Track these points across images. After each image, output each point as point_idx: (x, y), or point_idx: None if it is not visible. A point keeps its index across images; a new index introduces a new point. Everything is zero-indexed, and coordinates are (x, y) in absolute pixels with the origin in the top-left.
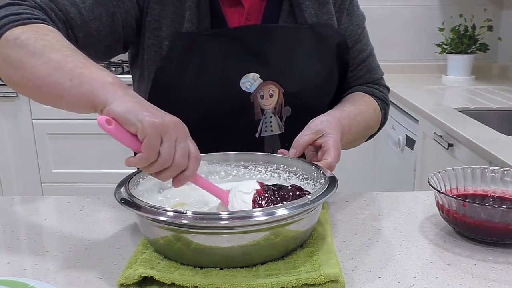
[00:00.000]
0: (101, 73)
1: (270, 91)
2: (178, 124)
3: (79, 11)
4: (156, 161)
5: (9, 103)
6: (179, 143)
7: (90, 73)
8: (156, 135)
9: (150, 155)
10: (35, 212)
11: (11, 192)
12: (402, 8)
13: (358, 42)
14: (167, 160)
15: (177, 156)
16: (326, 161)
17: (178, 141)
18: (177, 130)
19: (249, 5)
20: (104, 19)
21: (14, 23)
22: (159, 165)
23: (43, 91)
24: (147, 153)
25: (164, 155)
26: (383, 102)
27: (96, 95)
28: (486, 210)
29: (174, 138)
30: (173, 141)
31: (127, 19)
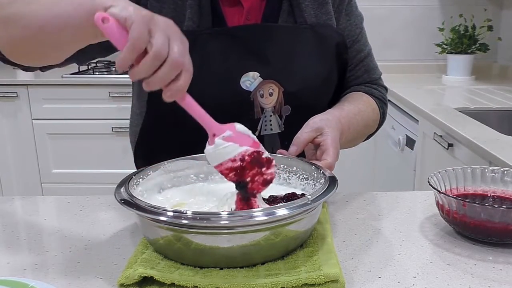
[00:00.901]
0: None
1: (270, 90)
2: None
3: None
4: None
5: (9, 103)
6: (175, 40)
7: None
8: (144, 22)
9: (137, 42)
10: (35, 212)
11: (11, 192)
12: (402, 8)
13: (357, 42)
14: (161, 50)
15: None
16: (326, 162)
17: (173, 39)
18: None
19: (249, 5)
20: None
21: None
22: (153, 57)
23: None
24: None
25: (159, 42)
26: (381, 101)
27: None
28: (486, 210)
29: (166, 33)
30: (166, 36)
31: None
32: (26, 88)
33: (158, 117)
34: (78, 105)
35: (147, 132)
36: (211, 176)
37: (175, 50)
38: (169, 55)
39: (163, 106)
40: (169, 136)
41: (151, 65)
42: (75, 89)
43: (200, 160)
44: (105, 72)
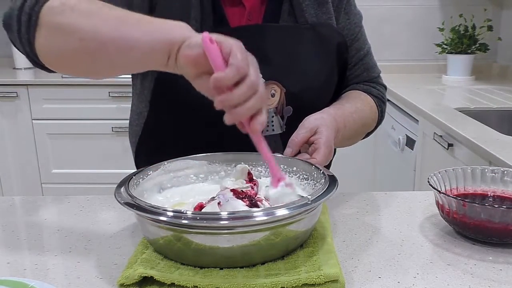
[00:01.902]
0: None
1: (272, 91)
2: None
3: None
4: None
5: (9, 103)
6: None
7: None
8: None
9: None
10: (35, 212)
11: (11, 192)
12: (402, 8)
13: (356, 41)
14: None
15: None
16: (314, 160)
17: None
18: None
19: (250, 5)
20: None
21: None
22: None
23: (109, 49)
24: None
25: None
26: (380, 100)
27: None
28: (486, 210)
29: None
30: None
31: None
32: (26, 88)
33: (160, 117)
34: (78, 105)
35: (149, 132)
36: (211, 176)
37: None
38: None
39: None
40: (170, 136)
41: (245, 94)
42: (75, 89)
43: (200, 160)
44: None
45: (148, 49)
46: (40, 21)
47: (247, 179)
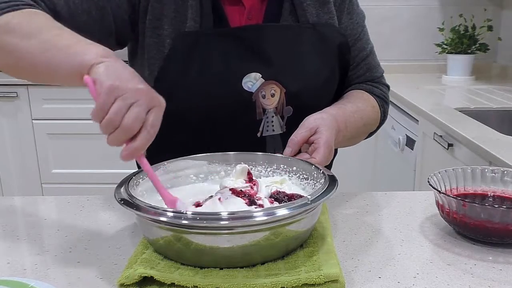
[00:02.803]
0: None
1: (271, 91)
2: (141, 91)
3: (66, 4)
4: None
5: (9, 103)
6: (136, 106)
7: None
8: (108, 94)
9: (99, 112)
10: (35, 212)
11: (11, 192)
12: (402, 8)
13: (359, 41)
14: (114, 118)
15: (127, 116)
16: (314, 160)
17: (135, 105)
18: (138, 96)
19: (250, 4)
20: (94, 13)
21: (2, 10)
22: (106, 122)
23: (38, 69)
24: (97, 108)
25: (111, 113)
26: (382, 100)
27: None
28: (486, 210)
29: (129, 101)
30: (127, 103)
31: (119, 14)
32: (26, 88)
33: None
34: (78, 105)
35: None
36: (211, 176)
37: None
38: (122, 122)
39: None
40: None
41: (105, 129)
42: (75, 89)
43: (200, 160)
44: None
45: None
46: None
47: (246, 179)
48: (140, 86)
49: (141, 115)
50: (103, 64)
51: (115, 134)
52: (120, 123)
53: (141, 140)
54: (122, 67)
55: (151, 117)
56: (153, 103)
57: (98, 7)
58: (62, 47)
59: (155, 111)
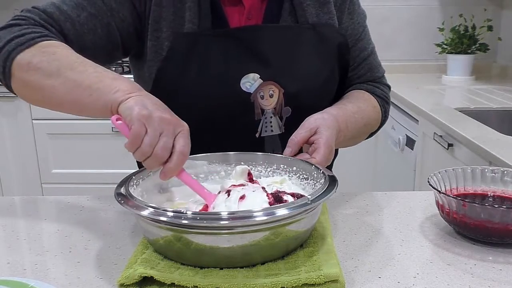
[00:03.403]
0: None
1: (270, 92)
2: (167, 120)
3: (73, 26)
4: (139, 148)
5: (9, 103)
6: (164, 136)
7: (105, 86)
8: (140, 124)
9: (134, 142)
10: (35, 212)
11: (11, 192)
12: (402, 8)
13: (360, 41)
14: (147, 149)
15: (157, 147)
16: (314, 160)
17: (163, 135)
18: (164, 125)
19: (250, 4)
20: (99, 31)
21: (21, 46)
22: (140, 153)
23: (65, 107)
24: (132, 139)
25: (145, 143)
26: (383, 100)
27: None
28: (486, 210)
29: (158, 131)
30: (157, 133)
31: (124, 27)
32: None
33: None
34: None
35: None
36: (211, 176)
37: (160, 145)
38: (155, 149)
39: None
40: None
41: (140, 157)
42: None
43: (200, 160)
44: None
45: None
46: (12, 73)
47: (247, 180)
48: (165, 115)
49: (168, 144)
50: (131, 99)
51: (149, 161)
52: (152, 153)
53: (173, 163)
54: (147, 98)
55: (178, 144)
56: (178, 129)
57: (103, 24)
58: (86, 87)
59: (182, 136)
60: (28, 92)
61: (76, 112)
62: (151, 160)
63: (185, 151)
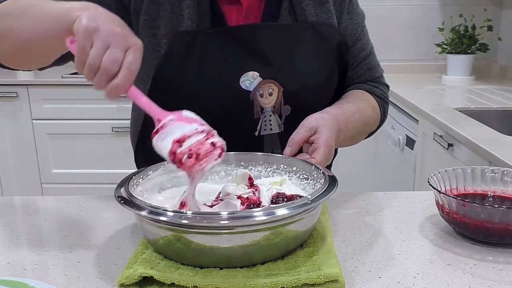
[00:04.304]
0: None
1: (269, 90)
2: (117, 33)
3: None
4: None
5: (9, 103)
6: (112, 48)
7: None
8: (85, 37)
9: (80, 57)
10: (35, 212)
11: (11, 192)
12: (402, 8)
13: (359, 41)
14: (92, 61)
15: (104, 60)
16: (314, 160)
17: (112, 47)
18: (112, 38)
19: (248, 3)
20: None
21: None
22: (88, 68)
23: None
24: (77, 54)
25: (90, 56)
26: (382, 100)
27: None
28: (486, 210)
29: (106, 43)
30: (104, 46)
31: None
32: (26, 88)
33: None
34: (78, 105)
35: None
36: (211, 176)
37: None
38: (102, 63)
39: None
40: None
41: (88, 76)
42: (75, 89)
43: None
44: None
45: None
46: None
47: (248, 184)
48: (117, 29)
49: (117, 56)
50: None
51: (96, 78)
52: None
53: (121, 77)
54: (101, 12)
55: (129, 57)
56: (129, 43)
57: None
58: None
59: (132, 50)
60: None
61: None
62: (98, 76)
63: (134, 67)
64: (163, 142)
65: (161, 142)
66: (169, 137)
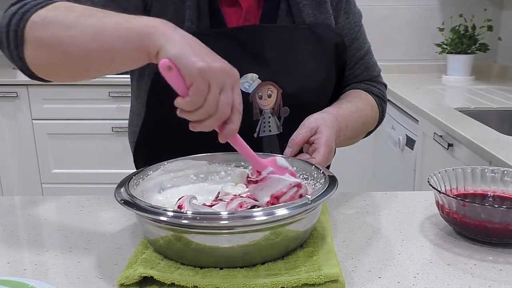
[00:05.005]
0: (145, 20)
1: (268, 92)
2: (226, 70)
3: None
4: (202, 106)
5: (9, 103)
6: (224, 91)
7: (134, 25)
8: (204, 81)
9: (197, 100)
10: (35, 212)
11: (11, 192)
12: (402, 8)
13: (356, 40)
14: (212, 107)
15: (221, 104)
16: (314, 160)
17: (224, 90)
18: (224, 78)
19: (247, 5)
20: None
21: (36, 6)
22: (204, 111)
23: (92, 58)
24: (195, 97)
25: (210, 101)
26: (381, 99)
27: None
28: (486, 210)
29: (220, 86)
30: (219, 89)
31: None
32: (26, 88)
33: (157, 118)
34: (78, 105)
35: (147, 133)
36: (211, 176)
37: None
38: (218, 107)
39: (162, 108)
40: (169, 137)
41: (199, 117)
42: (75, 89)
43: (200, 160)
44: None
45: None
46: (26, 37)
47: (246, 184)
48: (222, 64)
49: (230, 99)
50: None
51: (210, 121)
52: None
53: (236, 123)
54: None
55: (237, 99)
56: (235, 80)
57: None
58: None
59: (237, 90)
60: (45, 53)
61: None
62: (213, 120)
63: (241, 108)
64: (261, 191)
65: (259, 192)
66: (266, 190)
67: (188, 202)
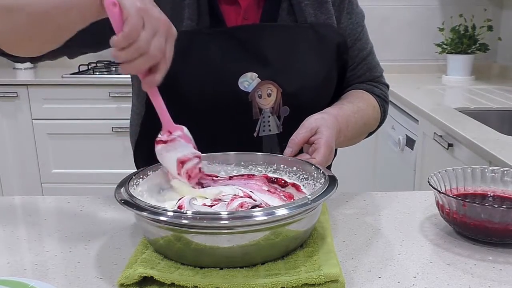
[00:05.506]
0: None
1: (268, 91)
2: (162, 20)
3: None
4: (134, 43)
5: (9, 103)
6: (159, 36)
7: None
8: (139, 17)
9: (131, 34)
10: (35, 212)
11: (11, 192)
12: (402, 8)
13: (358, 41)
14: (143, 45)
15: (153, 45)
16: (314, 160)
17: (158, 34)
18: (159, 24)
19: (246, 4)
20: None
21: None
22: (136, 48)
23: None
24: (129, 31)
25: (143, 38)
26: (382, 99)
27: None
28: (486, 210)
29: (155, 29)
30: (153, 31)
31: None
32: (26, 88)
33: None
34: (78, 105)
35: (147, 132)
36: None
37: (156, 45)
38: (150, 49)
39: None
40: None
41: (132, 55)
42: (75, 89)
43: None
44: (105, 72)
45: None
46: None
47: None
48: (162, 15)
49: (163, 45)
50: None
51: (140, 61)
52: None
53: (161, 72)
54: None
55: (169, 51)
56: (170, 33)
57: None
58: None
59: (170, 42)
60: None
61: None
62: (143, 59)
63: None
64: (168, 153)
65: (166, 153)
66: (173, 153)
67: (188, 202)
